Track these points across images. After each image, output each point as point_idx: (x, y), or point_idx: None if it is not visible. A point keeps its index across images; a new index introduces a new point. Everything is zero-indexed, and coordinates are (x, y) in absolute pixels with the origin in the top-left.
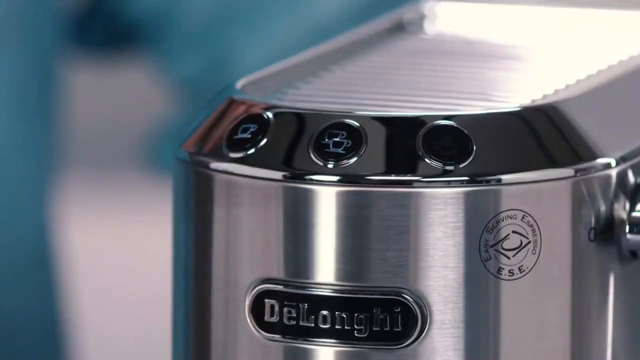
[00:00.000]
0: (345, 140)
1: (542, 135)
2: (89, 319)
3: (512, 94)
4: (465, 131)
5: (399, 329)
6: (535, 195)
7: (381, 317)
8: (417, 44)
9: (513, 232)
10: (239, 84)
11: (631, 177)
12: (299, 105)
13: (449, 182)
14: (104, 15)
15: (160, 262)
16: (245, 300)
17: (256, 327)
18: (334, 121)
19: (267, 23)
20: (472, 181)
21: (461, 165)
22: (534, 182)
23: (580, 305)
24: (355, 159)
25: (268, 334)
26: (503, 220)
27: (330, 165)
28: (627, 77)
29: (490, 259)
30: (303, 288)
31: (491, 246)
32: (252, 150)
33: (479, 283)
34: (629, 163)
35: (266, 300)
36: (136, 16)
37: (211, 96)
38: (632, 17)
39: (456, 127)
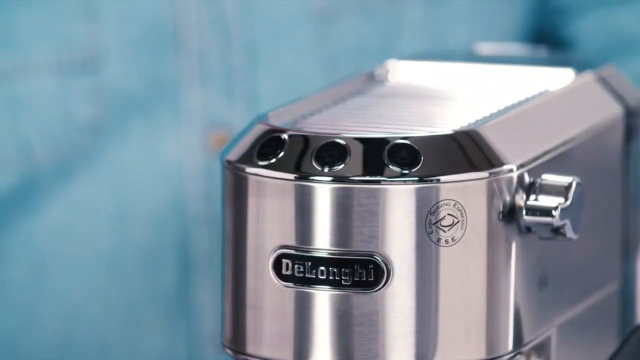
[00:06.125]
0: (336, 153)
1: (468, 150)
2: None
3: (448, 122)
4: (416, 147)
5: (372, 279)
6: (463, 190)
7: (360, 271)
8: (384, 90)
9: (448, 214)
10: (268, 115)
11: (527, 178)
12: (305, 130)
13: (405, 181)
14: None
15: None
16: (269, 260)
17: (276, 277)
18: (328, 140)
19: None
20: (421, 181)
21: (413, 170)
22: (462, 181)
23: (493, 263)
24: (342, 165)
25: (284, 282)
26: (441, 207)
27: (325, 170)
28: (526, 112)
29: (432, 232)
30: (308, 252)
31: (433, 224)
32: (273, 160)
33: (425, 249)
34: (525, 168)
35: (283, 259)
36: None
37: (248, 123)
38: (533, 70)
39: (410, 144)
